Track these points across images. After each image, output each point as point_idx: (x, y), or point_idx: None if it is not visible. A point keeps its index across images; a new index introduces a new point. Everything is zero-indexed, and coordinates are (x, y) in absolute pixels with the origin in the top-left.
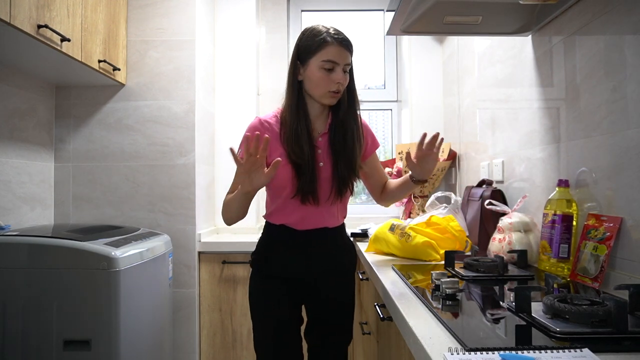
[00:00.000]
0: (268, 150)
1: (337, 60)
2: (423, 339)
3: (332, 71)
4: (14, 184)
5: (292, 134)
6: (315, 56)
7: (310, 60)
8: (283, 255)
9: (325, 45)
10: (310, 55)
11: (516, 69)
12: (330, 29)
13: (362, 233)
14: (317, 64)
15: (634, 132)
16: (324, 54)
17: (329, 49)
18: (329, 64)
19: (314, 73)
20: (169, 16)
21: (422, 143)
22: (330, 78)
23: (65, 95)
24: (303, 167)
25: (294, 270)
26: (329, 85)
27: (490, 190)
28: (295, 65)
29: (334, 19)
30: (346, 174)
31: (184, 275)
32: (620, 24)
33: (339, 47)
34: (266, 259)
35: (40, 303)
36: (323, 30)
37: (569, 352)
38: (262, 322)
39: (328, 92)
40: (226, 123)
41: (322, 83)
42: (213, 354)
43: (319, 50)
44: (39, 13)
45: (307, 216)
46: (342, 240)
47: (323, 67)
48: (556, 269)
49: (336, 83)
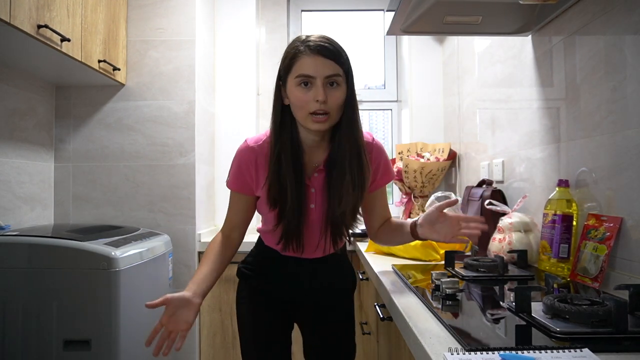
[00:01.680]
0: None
1: (313, 74)
2: (423, 339)
3: (310, 87)
4: (14, 184)
5: (273, 171)
6: (290, 72)
7: (288, 77)
8: (270, 275)
9: (298, 56)
10: (287, 72)
11: (516, 69)
12: (312, 36)
13: (362, 233)
14: (293, 81)
15: (634, 132)
16: (298, 68)
17: (302, 60)
18: (303, 78)
19: (292, 92)
20: (169, 16)
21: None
22: (307, 96)
23: (65, 95)
24: (287, 211)
25: (281, 292)
26: (308, 105)
27: (490, 190)
28: (278, 85)
29: (334, 19)
30: (341, 222)
31: (184, 275)
32: (620, 24)
33: (313, 56)
34: (253, 274)
35: (40, 303)
36: (300, 39)
37: (569, 352)
38: (246, 336)
39: (309, 115)
40: (226, 123)
41: (300, 103)
42: (213, 354)
43: (293, 65)
44: (39, 13)
45: (273, 237)
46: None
47: (298, 83)
48: (556, 269)
49: (315, 101)
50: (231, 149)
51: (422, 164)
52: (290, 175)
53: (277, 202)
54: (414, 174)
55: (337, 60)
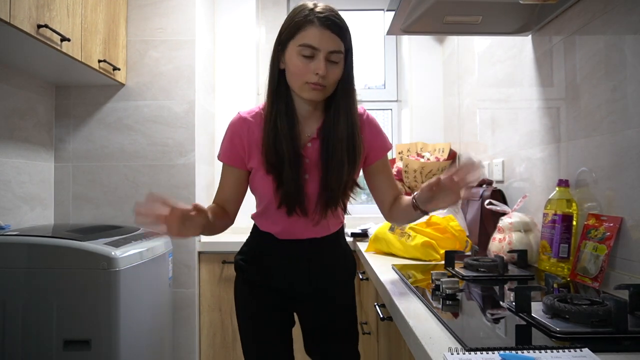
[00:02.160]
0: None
1: (317, 45)
2: (423, 338)
3: (312, 59)
4: (14, 184)
5: (269, 135)
6: (294, 39)
7: (289, 43)
8: (268, 264)
9: (306, 25)
10: (290, 38)
11: (516, 69)
12: (320, 6)
13: (362, 233)
14: (295, 49)
15: (634, 132)
16: (303, 37)
17: (309, 30)
18: (308, 49)
19: (292, 59)
20: (169, 16)
21: (462, 171)
22: (308, 67)
23: (65, 95)
24: (284, 178)
25: (279, 280)
26: (306, 76)
27: (490, 190)
28: (277, 50)
29: None
30: (336, 192)
31: (184, 275)
32: (620, 24)
33: (321, 28)
34: (250, 266)
35: (40, 303)
36: (308, 7)
37: (569, 352)
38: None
39: (305, 84)
40: (226, 123)
41: (299, 72)
42: (213, 354)
43: (298, 32)
44: (38, 13)
45: (293, 227)
46: (338, 248)
47: (301, 52)
48: (556, 269)
49: (315, 74)
50: None
51: (422, 164)
52: (286, 141)
53: (275, 169)
54: (414, 173)
55: (342, 36)
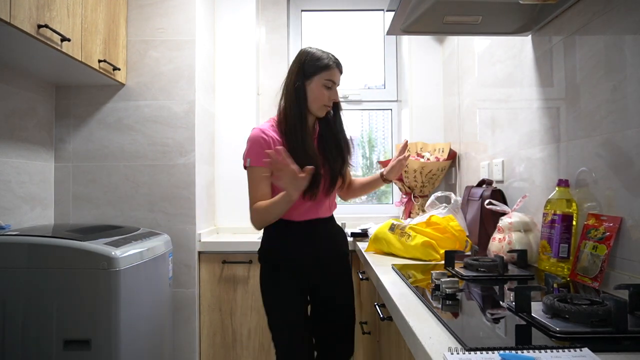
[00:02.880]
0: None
1: (335, 81)
2: (423, 338)
3: (330, 89)
4: (14, 184)
5: (301, 139)
6: (319, 75)
7: (314, 77)
8: (287, 243)
9: (329, 68)
10: (315, 73)
11: (516, 69)
12: (330, 54)
13: (362, 233)
14: (321, 82)
15: (634, 132)
16: (327, 75)
17: (331, 71)
18: (330, 82)
19: (317, 88)
20: (169, 16)
21: (403, 149)
22: (327, 95)
23: (65, 95)
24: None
25: (299, 255)
26: (326, 100)
27: (490, 190)
28: (301, 79)
29: (334, 19)
30: (335, 178)
31: (184, 275)
32: (620, 24)
33: (337, 71)
34: (272, 251)
35: (40, 303)
36: (325, 55)
37: (568, 351)
38: (278, 316)
39: (323, 106)
40: (226, 123)
41: (322, 98)
42: (213, 354)
43: (323, 71)
44: (39, 13)
45: (306, 209)
46: (334, 227)
47: (325, 85)
48: (556, 269)
49: (330, 99)
50: (231, 149)
51: (422, 164)
52: (311, 146)
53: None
54: (414, 173)
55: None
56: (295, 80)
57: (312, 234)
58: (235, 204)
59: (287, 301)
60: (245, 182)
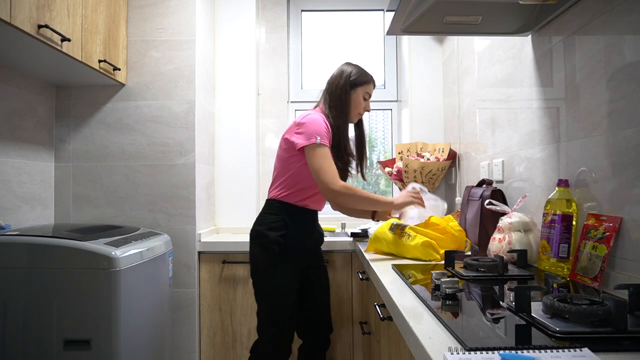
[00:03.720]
0: (330, 141)
1: (371, 94)
2: (423, 338)
3: (366, 101)
4: (14, 184)
5: (344, 139)
6: (362, 86)
7: (358, 88)
8: (306, 229)
9: (370, 83)
10: (360, 85)
11: (516, 69)
12: (370, 73)
13: (362, 233)
14: (362, 93)
15: (634, 132)
16: (368, 88)
17: (371, 84)
18: (367, 95)
19: (358, 98)
20: (169, 16)
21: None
22: (363, 105)
23: (65, 95)
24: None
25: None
26: (361, 110)
27: (490, 190)
28: (348, 86)
29: (334, 19)
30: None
31: (184, 275)
32: (620, 24)
33: (373, 86)
34: (289, 237)
35: (40, 303)
36: (366, 72)
37: (568, 351)
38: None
39: (358, 114)
40: (226, 123)
41: (360, 107)
42: (213, 354)
43: (366, 84)
44: (39, 13)
45: (321, 199)
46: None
47: (364, 96)
48: (556, 269)
49: (364, 110)
50: (231, 149)
51: (422, 164)
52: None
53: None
54: (414, 173)
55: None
56: (342, 89)
57: (316, 221)
58: (235, 204)
59: (292, 284)
60: (245, 182)
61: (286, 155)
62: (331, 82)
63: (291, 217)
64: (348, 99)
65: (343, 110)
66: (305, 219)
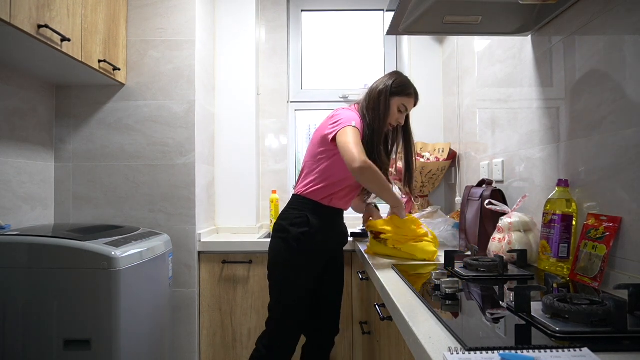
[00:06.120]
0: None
1: (409, 109)
2: (423, 338)
3: (401, 113)
4: (14, 184)
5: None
6: (400, 96)
7: (395, 98)
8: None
9: (410, 96)
10: (399, 94)
11: (516, 69)
12: (413, 87)
13: (362, 233)
14: (398, 104)
15: (634, 132)
16: (406, 101)
17: (411, 99)
18: (403, 107)
19: (393, 108)
20: (169, 16)
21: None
22: (397, 117)
23: (65, 95)
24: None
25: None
26: (393, 121)
27: (490, 190)
28: (389, 93)
29: (334, 19)
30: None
31: (184, 275)
32: (620, 24)
33: (413, 101)
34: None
35: (40, 303)
36: (412, 85)
37: (568, 351)
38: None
39: (389, 124)
40: (226, 123)
41: (393, 117)
42: (213, 354)
43: (405, 96)
44: (39, 13)
45: (348, 197)
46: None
47: (399, 108)
48: (556, 269)
49: (397, 121)
50: (231, 149)
51: (422, 164)
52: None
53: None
54: (414, 173)
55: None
56: (381, 93)
57: (341, 220)
58: (235, 204)
59: (308, 283)
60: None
61: (318, 149)
62: (375, 86)
63: (314, 214)
64: (384, 105)
65: (378, 115)
66: (329, 217)
